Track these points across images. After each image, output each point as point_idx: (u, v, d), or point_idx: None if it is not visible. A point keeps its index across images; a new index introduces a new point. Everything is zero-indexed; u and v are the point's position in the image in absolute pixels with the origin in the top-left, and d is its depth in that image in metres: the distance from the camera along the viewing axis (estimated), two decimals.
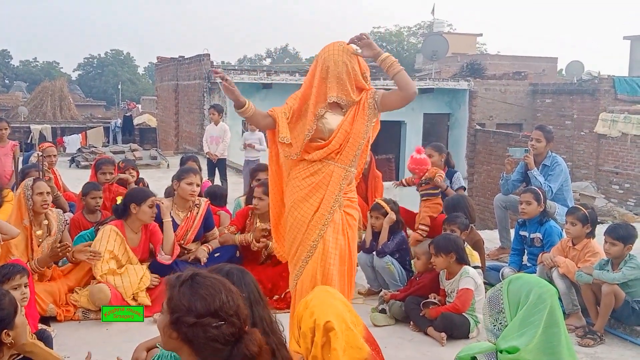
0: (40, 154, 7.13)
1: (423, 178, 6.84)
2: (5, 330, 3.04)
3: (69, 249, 5.22)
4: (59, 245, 5.19)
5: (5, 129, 7.77)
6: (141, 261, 5.75)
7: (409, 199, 7.88)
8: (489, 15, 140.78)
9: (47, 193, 5.31)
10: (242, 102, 4.23)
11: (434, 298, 5.23)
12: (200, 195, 6.34)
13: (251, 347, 2.39)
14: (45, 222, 5.36)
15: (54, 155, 7.72)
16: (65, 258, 5.55)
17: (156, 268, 5.65)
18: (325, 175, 4.29)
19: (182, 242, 5.95)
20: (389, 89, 4.54)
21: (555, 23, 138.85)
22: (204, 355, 2.40)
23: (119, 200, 5.80)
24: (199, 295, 2.38)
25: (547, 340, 2.70)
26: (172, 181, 6.19)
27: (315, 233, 4.22)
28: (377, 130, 4.59)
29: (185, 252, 5.96)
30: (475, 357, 2.94)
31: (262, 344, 2.44)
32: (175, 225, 5.92)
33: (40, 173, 6.51)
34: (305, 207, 4.26)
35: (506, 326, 2.84)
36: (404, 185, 7.27)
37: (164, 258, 5.64)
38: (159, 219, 5.79)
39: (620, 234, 5.13)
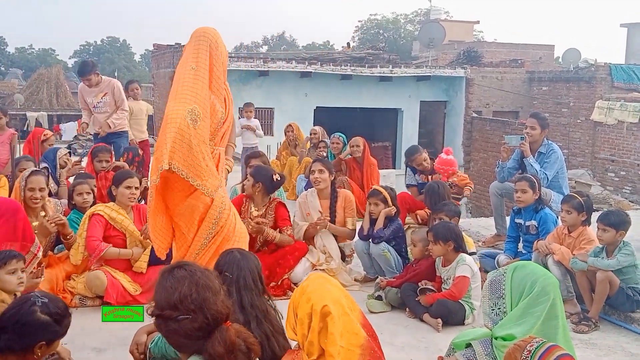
0: (67, 151, 7.20)
1: (449, 180, 7.05)
2: (43, 342, 3.05)
3: (63, 220, 5.26)
4: (49, 219, 5.18)
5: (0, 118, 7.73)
6: None
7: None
8: (486, 2, 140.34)
9: (40, 189, 5.25)
10: None
11: (425, 284, 5.25)
12: None
13: (216, 348, 2.36)
14: (42, 213, 5.35)
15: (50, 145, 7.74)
16: (62, 245, 5.57)
17: (153, 258, 5.64)
18: (214, 158, 4.41)
19: None
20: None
21: (553, 11, 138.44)
22: (178, 349, 2.41)
23: None
24: (164, 288, 2.41)
25: (544, 332, 2.72)
26: None
27: (216, 211, 4.29)
28: None
29: None
30: (470, 343, 2.97)
31: (233, 343, 2.39)
32: None
33: (36, 164, 6.52)
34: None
35: (505, 312, 2.86)
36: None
37: None
38: None
39: (612, 220, 5.15)
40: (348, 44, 27.48)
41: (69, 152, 7.25)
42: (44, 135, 7.76)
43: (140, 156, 7.91)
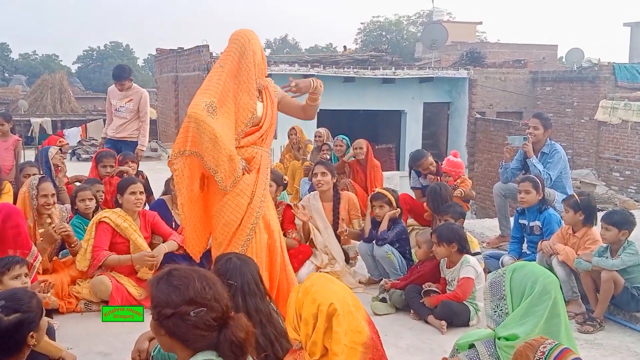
0: (59, 149, 7.21)
1: (455, 183, 7.07)
2: (31, 333, 3.05)
3: (68, 231, 5.30)
4: (54, 227, 5.22)
5: (2, 124, 7.75)
6: None
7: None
8: (489, 3, 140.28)
9: (52, 195, 5.34)
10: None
11: (429, 286, 5.26)
12: None
13: (238, 333, 2.42)
14: (49, 220, 5.38)
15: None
16: (66, 250, 5.59)
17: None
18: (255, 160, 4.50)
19: None
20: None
21: (555, 10, 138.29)
22: (193, 345, 2.43)
23: None
24: (173, 287, 2.44)
25: (547, 331, 2.73)
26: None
27: (253, 217, 4.41)
28: None
29: None
30: (474, 344, 2.98)
31: (249, 329, 2.47)
32: (176, 225, 5.95)
33: (40, 170, 6.54)
34: (240, 192, 4.39)
35: (507, 313, 2.86)
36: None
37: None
38: (167, 220, 5.85)
39: (614, 219, 5.14)
40: (344, 47, 27.44)
41: (60, 149, 7.26)
42: (59, 142, 7.81)
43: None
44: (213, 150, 4.20)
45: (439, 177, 7.28)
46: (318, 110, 4.99)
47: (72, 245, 5.43)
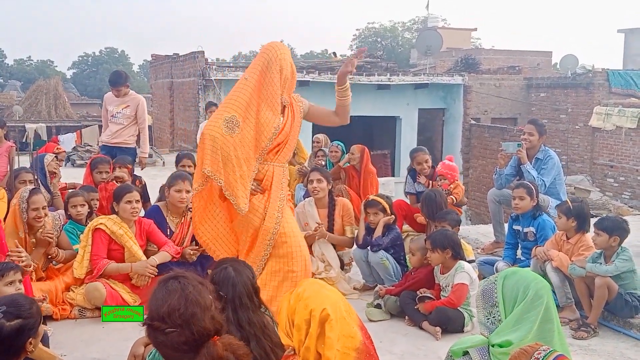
0: (54, 156, 7.20)
1: (450, 187, 7.09)
2: (30, 339, 3.05)
3: (50, 236, 5.29)
4: (43, 232, 5.23)
5: None
6: None
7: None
8: (484, 9, 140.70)
9: (43, 207, 5.31)
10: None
11: (424, 292, 5.26)
12: None
13: None
14: (40, 231, 5.37)
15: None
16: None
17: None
18: (266, 179, 4.57)
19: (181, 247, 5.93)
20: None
21: (550, 17, 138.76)
22: (166, 359, 2.42)
23: None
24: (156, 299, 2.42)
25: (540, 336, 2.72)
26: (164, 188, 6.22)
27: (269, 232, 4.50)
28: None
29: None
30: (468, 351, 2.97)
31: (220, 358, 2.38)
32: (170, 232, 5.94)
33: (35, 175, 6.52)
34: (251, 212, 4.50)
35: (500, 320, 2.86)
36: None
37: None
38: (162, 226, 5.85)
39: (605, 225, 5.16)
40: (334, 53, 27.42)
41: (55, 156, 7.26)
42: (57, 149, 7.80)
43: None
44: (225, 170, 4.31)
45: (431, 181, 7.28)
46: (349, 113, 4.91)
47: (51, 255, 5.43)
